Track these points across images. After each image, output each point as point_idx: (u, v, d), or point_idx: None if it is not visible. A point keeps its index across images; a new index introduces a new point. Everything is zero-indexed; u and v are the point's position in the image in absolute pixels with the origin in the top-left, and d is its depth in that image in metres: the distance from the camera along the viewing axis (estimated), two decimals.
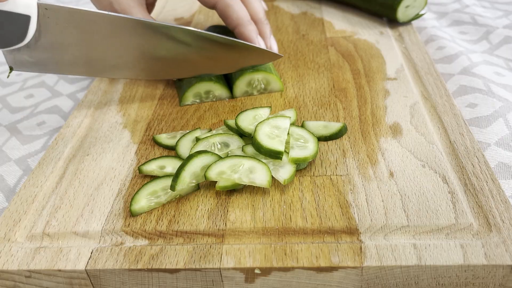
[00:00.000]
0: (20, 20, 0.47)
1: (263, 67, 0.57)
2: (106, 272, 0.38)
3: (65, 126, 0.57)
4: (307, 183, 0.44)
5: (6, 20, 0.46)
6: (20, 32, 0.47)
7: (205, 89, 0.57)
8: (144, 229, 0.41)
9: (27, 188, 0.47)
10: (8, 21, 0.46)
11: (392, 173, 0.44)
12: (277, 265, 0.37)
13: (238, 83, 0.56)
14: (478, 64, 0.62)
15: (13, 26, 0.47)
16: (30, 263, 0.39)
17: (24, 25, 0.47)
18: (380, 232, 0.38)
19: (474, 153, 0.45)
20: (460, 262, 0.35)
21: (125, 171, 0.48)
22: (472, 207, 0.40)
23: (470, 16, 0.77)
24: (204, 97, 0.57)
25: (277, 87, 0.57)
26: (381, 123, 0.51)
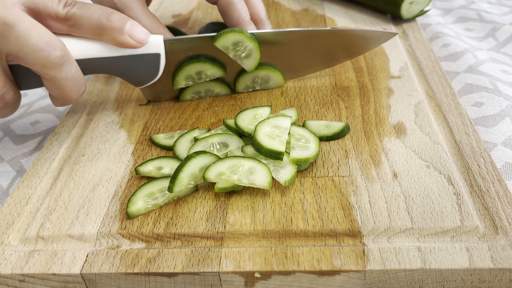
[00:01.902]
0: (151, 59, 0.51)
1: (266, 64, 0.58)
2: (102, 276, 0.38)
3: (59, 125, 0.57)
4: (309, 185, 0.44)
5: (139, 62, 0.50)
6: (153, 70, 0.52)
7: (205, 87, 0.57)
8: (141, 231, 0.41)
9: (20, 189, 0.47)
10: (141, 62, 0.50)
11: (396, 174, 0.44)
12: (277, 269, 0.37)
13: (242, 80, 0.57)
14: (484, 62, 0.62)
15: (145, 66, 0.51)
16: (24, 267, 0.39)
17: (155, 62, 0.51)
18: (384, 234, 0.38)
19: (480, 154, 0.45)
20: (466, 266, 0.35)
21: (121, 172, 0.48)
22: (478, 209, 0.40)
23: (476, 12, 0.77)
24: (203, 95, 0.58)
25: (278, 83, 0.58)
26: (384, 122, 0.51)
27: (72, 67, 0.46)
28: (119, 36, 0.47)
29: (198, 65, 0.54)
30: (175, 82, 0.55)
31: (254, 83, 0.57)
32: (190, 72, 0.55)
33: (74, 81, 0.47)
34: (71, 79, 0.46)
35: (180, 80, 0.55)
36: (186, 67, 0.54)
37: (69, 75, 0.46)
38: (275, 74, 0.57)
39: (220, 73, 0.56)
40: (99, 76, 0.66)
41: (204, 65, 0.55)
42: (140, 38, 0.48)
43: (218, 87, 0.57)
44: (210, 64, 0.55)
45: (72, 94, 0.47)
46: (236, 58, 0.55)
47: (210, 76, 0.55)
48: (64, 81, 0.46)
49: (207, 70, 0.55)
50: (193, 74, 0.55)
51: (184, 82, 0.55)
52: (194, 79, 0.55)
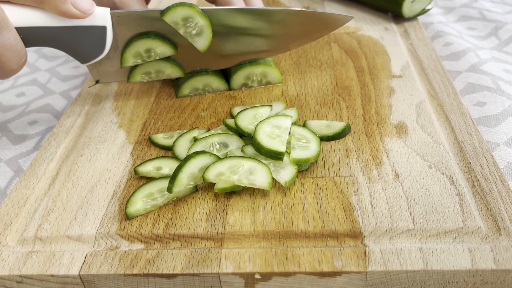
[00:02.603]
0: (97, 32, 0.49)
1: (262, 60, 0.58)
2: (101, 277, 0.38)
3: (57, 125, 0.57)
4: (309, 185, 0.44)
5: (84, 35, 0.49)
6: (99, 45, 0.50)
7: (203, 83, 0.57)
8: (140, 232, 0.41)
9: (18, 190, 0.47)
10: (86, 35, 0.49)
11: (397, 174, 0.44)
12: (278, 270, 0.37)
13: (236, 77, 0.57)
14: (487, 61, 0.62)
15: (91, 40, 0.50)
16: (21, 268, 0.39)
17: (101, 37, 0.50)
18: (385, 235, 0.39)
19: (482, 154, 0.45)
20: (468, 267, 0.35)
21: (120, 172, 0.48)
22: (481, 209, 0.40)
23: (478, 11, 0.77)
24: (201, 91, 0.58)
25: (276, 79, 0.58)
26: (386, 122, 0.51)
27: (10, 34, 0.44)
28: (61, 5, 0.46)
29: (147, 41, 0.52)
30: (123, 59, 0.53)
31: (249, 80, 0.57)
32: (138, 49, 0.53)
33: (13, 49, 0.45)
34: (9, 46, 0.45)
35: (128, 57, 0.53)
36: (135, 43, 0.52)
37: (7, 42, 0.44)
38: (271, 70, 0.57)
39: (170, 52, 0.54)
40: None
41: (153, 42, 0.53)
42: (84, 8, 0.47)
43: (216, 82, 0.57)
44: (160, 41, 0.53)
45: (10, 64, 0.46)
46: (187, 36, 0.53)
47: (160, 54, 0.54)
48: (1, 48, 0.44)
49: (157, 47, 0.53)
50: (142, 52, 0.53)
51: (132, 60, 0.53)
52: (143, 57, 0.53)
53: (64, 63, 0.76)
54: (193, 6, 0.52)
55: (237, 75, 0.57)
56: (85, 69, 0.74)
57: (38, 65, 0.76)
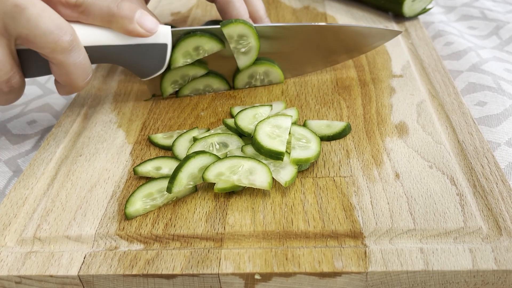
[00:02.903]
0: (158, 49, 0.51)
1: (265, 60, 0.58)
2: (100, 278, 0.38)
3: (57, 125, 0.57)
4: (309, 185, 0.44)
5: (146, 52, 0.51)
6: (159, 61, 0.52)
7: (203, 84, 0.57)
8: (139, 233, 0.41)
9: (17, 190, 0.47)
10: (148, 52, 0.51)
11: (398, 175, 0.44)
12: (278, 271, 0.37)
13: (241, 76, 0.57)
14: (488, 61, 0.62)
15: (152, 57, 0.52)
16: (20, 268, 0.39)
17: (162, 53, 0.52)
18: (386, 236, 0.39)
19: (483, 154, 0.45)
20: (469, 267, 0.35)
21: (119, 172, 0.48)
22: (482, 209, 0.40)
23: (479, 10, 0.77)
24: (202, 91, 0.58)
25: (278, 79, 0.58)
26: (386, 122, 0.51)
27: (80, 53, 0.46)
28: (128, 24, 0.48)
29: (195, 39, 0.53)
30: (173, 60, 0.54)
31: (253, 79, 0.58)
32: (187, 48, 0.54)
33: (82, 67, 0.47)
34: (79, 65, 0.47)
35: (178, 58, 0.54)
36: (183, 42, 0.53)
37: (77, 61, 0.46)
38: (274, 69, 0.57)
39: (218, 47, 0.55)
40: (97, 75, 0.66)
41: (201, 39, 0.54)
42: (149, 27, 0.49)
43: (217, 83, 0.58)
44: (207, 38, 0.54)
45: (78, 81, 0.48)
46: (234, 51, 0.55)
47: (208, 50, 0.54)
48: (72, 67, 0.46)
49: (205, 44, 0.54)
50: (191, 50, 0.54)
51: (182, 60, 0.54)
52: (192, 56, 0.54)
53: None
54: (252, 27, 0.53)
55: (242, 74, 0.57)
56: None
57: None
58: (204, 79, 0.57)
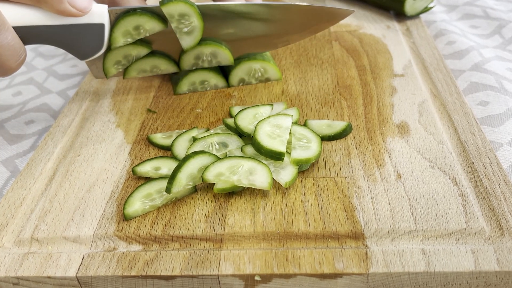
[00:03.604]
0: (95, 30, 0.50)
1: (261, 56, 0.58)
2: (98, 279, 0.38)
3: (54, 125, 0.57)
4: (310, 185, 0.44)
5: (82, 32, 0.49)
6: (97, 42, 0.51)
7: (200, 79, 0.57)
8: (138, 233, 0.41)
9: (14, 190, 0.47)
10: (84, 33, 0.49)
11: (399, 175, 0.44)
12: (278, 272, 0.37)
13: (235, 72, 0.57)
14: (490, 60, 0.62)
15: (89, 37, 0.50)
16: (18, 269, 0.39)
17: (99, 34, 0.50)
18: (387, 236, 0.39)
19: (486, 154, 0.45)
20: (471, 269, 0.35)
21: (118, 172, 0.48)
22: (484, 210, 0.40)
23: (481, 9, 0.77)
24: (199, 87, 0.58)
25: (275, 76, 0.58)
26: (387, 122, 0.51)
27: (7, 34, 0.45)
28: (58, 4, 0.46)
29: (134, 18, 0.52)
30: (112, 39, 0.52)
31: (200, 60, 0.56)
32: (127, 27, 0.52)
33: (11, 49, 0.46)
34: (6, 46, 0.45)
35: (117, 37, 0.52)
36: (122, 21, 0.51)
37: (5, 42, 0.45)
38: (221, 50, 0.56)
39: (160, 27, 0.53)
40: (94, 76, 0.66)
41: (141, 18, 0.52)
42: (81, 6, 0.47)
43: (164, 64, 0.57)
44: (148, 17, 0.52)
45: (9, 63, 0.47)
46: (177, 31, 0.53)
47: (150, 30, 0.53)
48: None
49: (145, 23, 0.52)
50: (131, 30, 0.52)
51: (122, 39, 0.52)
52: (132, 35, 0.52)
53: (61, 62, 0.76)
54: (194, 6, 0.52)
55: (236, 70, 0.57)
56: (82, 68, 0.74)
57: (35, 64, 0.76)
58: (150, 59, 0.56)
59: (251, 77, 0.57)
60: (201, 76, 0.57)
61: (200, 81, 0.58)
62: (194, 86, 0.58)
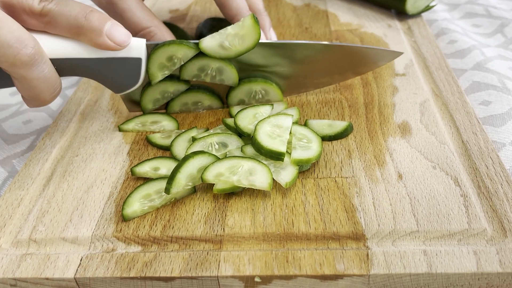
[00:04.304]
0: (132, 63, 0.49)
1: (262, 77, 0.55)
2: (97, 281, 0.38)
3: (52, 125, 0.57)
4: (310, 186, 0.44)
5: (119, 66, 0.49)
6: (133, 75, 0.50)
7: (193, 100, 0.55)
8: (137, 234, 0.41)
9: (12, 191, 0.47)
10: (121, 66, 0.49)
11: (400, 175, 0.44)
12: (278, 273, 0.37)
13: (234, 93, 0.55)
14: (492, 59, 0.62)
15: (126, 71, 0.50)
16: (15, 271, 0.39)
17: (136, 67, 0.50)
18: (388, 237, 0.39)
19: (488, 154, 0.45)
20: (473, 270, 0.35)
21: (116, 173, 0.48)
22: (486, 211, 0.40)
23: (483, 8, 0.77)
24: (192, 108, 0.56)
25: (276, 98, 0.55)
26: (389, 121, 0.51)
27: (45, 67, 0.44)
28: (97, 37, 0.46)
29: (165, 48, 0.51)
30: (150, 75, 0.52)
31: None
32: (160, 59, 0.51)
33: (47, 81, 0.45)
34: (43, 79, 0.45)
35: (155, 72, 0.52)
36: (155, 54, 0.51)
37: (41, 75, 0.44)
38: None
39: (192, 52, 0.51)
40: None
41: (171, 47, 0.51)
42: (120, 40, 0.47)
43: (207, 99, 0.55)
44: (177, 45, 0.51)
45: (44, 96, 0.46)
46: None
47: (183, 58, 0.52)
48: (35, 81, 0.44)
49: (177, 51, 0.51)
50: (165, 61, 0.51)
51: (160, 73, 0.52)
52: (168, 67, 0.52)
53: None
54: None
55: (236, 91, 0.54)
56: None
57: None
58: (192, 94, 0.55)
59: (251, 98, 0.55)
60: (194, 97, 0.55)
61: (192, 102, 0.55)
62: (185, 106, 0.56)
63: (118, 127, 0.53)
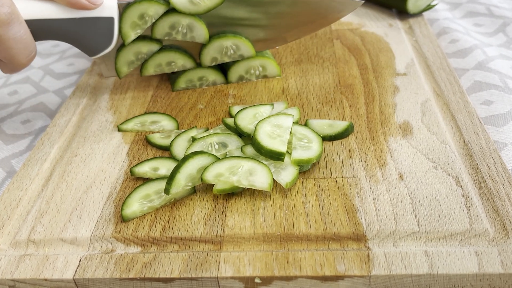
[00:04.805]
0: (104, 23, 0.50)
1: (260, 53, 0.58)
2: (96, 282, 0.38)
3: (51, 125, 0.57)
4: (311, 186, 0.44)
5: (92, 27, 0.49)
6: (107, 37, 0.51)
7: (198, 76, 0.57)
8: (136, 235, 0.41)
9: (11, 191, 0.47)
10: (94, 27, 0.50)
11: (402, 175, 0.44)
12: (278, 274, 0.37)
13: (234, 69, 0.57)
14: (494, 59, 0.62)
15: (99, 32, 0.50)
16: (14, 272, 0.39)
17: (109, 28, 0.50)
18: (389, 238, 0.39)
19: (489, 154, 0.45)
20: (475, 271, 0.35)
21: (116, 173, 0.48)
22: (488, 211, 0.40)
23: (485, 7, 0.77)
24: (197, 84, 0.58)
25: (274, 72, 0.58)
26: (390, 121, 0.51)
27: (20, 27, 0.45)
28: None
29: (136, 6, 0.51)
30: (123, 35, 0.52)
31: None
32: (132, 18, 0.51)
33: (23, 42, 0.46)
34: (19, 40, 0.45)
35: (127, 31, 0.52)
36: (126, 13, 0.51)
37: (17, 35, 0.45)
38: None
39: (162, 9, 0.52)
40: (92, 73, 0.66)
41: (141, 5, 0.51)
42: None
43: (181, 59, 0.56)
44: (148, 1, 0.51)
45: (20, 57, 0.47)
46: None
47: (154, 15, 0.52)
48: (11, 41, 0.45)
49: (148, 9, 0.52)
50: (137, 20, 0.52)
51: (132, 33, 0.52)
52: (140, 25, 0.52)
53: (58, 61, 0.76)
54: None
55: (235, 67, 0.57)
56: (79, 67, 0.74)
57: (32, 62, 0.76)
58: (166, 54, 0.56)
59: (250, 74, 0.57)
60: (199, 73, 0.58)
61: (198, 78, 0.58)
62: (192, 83, 0.58)
63: (117, 127, 0.53)
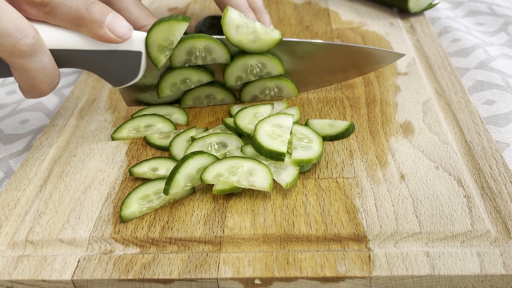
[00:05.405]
0: (132, 57, 0.49)
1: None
2: (94, 283, 0.38)
3: (49, 125, 0.57)
4: (311, 187, 0.44)
5: (119, 59, 0.49)
6: (133, 69, 0.50)
7: (205, 93, 0.55)
8: (135, 236, 0.41)
9: (8, 192, 0.47)
10: (121, 60, 0.49)
11: (403, 176, 0.44)
12: (279, 275, 0.37)
13: (248, 89, 0.55)
14: (496, 58, 0.62)
15: (126, 64, 0.50)
16: (12, 273, 0.39)
17: (136, 61, 0.50)
18: (390, 239, 0.39)
19: (491, 154, 0.45)
20: (477, 272, 0.35)
21: (114, 173, 0.48)
22: (490, 212, 0.40)
23: (487, 5, 0.77)
24: (205, 102, 0.56)
25: (291, 93, 0.55)
26: (391, 121, 0.51)
27: (44, 57, 0.44)
28: (98, 29, 0.46)
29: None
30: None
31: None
32: (157, 41, 0.50)
33: (46, 72, 0.45)
34: (42, 70, 0.45)
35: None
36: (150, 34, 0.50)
37: (40, 66, 0.44)
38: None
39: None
40: (91, 73, 0.66)
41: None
42: (121, 32, 0.47)
43: (221, 93, 0.55)
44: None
45: (42, 87, 0.46)
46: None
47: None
48: (34, 71, 0.44)
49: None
50: (162, 42, 0.51)
51: (161, 55, 0.51)
52: (166, 46, 0.51)
53: None
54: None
55: (249, 87, 0.55)
56: None
57: None
58: (207, 88, 0.55)
59: (265, 94, 0.55)
60: (207, 91, 0.55)
61: (205, 95, 0.55)
62: (200, 101, 0.56)
63: (111, 137, 0.52)
